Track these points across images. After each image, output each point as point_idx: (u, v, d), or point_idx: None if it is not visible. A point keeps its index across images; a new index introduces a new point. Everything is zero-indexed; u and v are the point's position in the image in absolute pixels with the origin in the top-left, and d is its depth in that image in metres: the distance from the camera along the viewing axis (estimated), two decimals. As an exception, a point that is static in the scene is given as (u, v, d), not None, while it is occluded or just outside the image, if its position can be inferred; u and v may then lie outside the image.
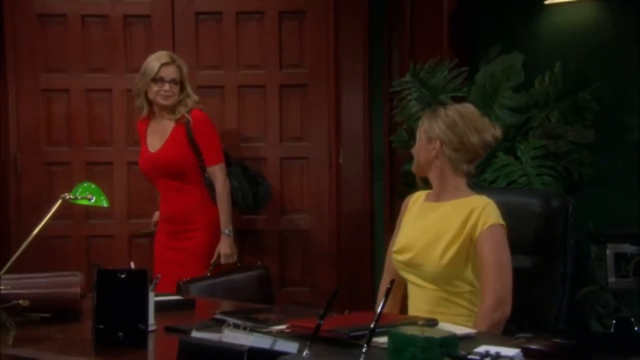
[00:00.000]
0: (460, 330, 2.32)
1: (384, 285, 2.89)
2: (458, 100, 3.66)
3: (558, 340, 1.82)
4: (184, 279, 3.31)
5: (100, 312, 2.27)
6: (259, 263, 3.64)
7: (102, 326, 2.24)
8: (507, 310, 2.59)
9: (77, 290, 2.64)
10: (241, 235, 4.19)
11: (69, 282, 2.67)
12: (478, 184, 3.42)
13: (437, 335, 1.82)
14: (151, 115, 3.82)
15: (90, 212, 4.19)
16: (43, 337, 2.36)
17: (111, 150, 4.29)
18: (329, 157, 4.26)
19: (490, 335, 2.35)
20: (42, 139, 4.28)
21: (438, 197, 2.76)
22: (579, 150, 3.56)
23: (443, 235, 2.67)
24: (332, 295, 2.15)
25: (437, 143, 2.72)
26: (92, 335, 2.25)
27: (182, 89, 3.75)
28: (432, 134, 2.72)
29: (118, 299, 2.26)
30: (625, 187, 3.70)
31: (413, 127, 3.75)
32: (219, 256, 3.74)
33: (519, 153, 3.50)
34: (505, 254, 2.63)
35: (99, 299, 2.26)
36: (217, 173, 3.75)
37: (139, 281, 2.27)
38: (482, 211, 2.63)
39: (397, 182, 4.07)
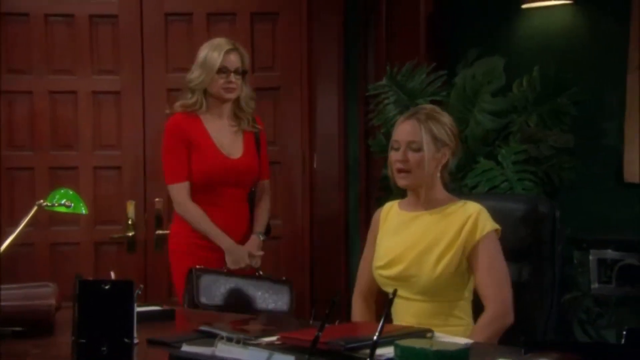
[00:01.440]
0: (457, 340, 2.26)
1: (357, 301, 2.82)
2: (436, 104, 3.63)
3: (570, 354, 1.75)
4: (198, 267, 3.23)
5: (82, 325, 2.14)
6: (284, 278, 3.36)
7: (84, 340, 2.13)
8: (509, 320, 2.56)
9: (52, 302, 2.53)
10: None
11: (42, 294, 2.56)
12: (458, 189, 3.37)
13: (448, 348, 1.75)
14: (201, 112, 3.44)
15: (53, 218, 4.02)
16: (19, 353, 2.24)
17: (76, 154, 4.14)
18: (302, 161, 4.17)
19: (500, 349, 2.28)
20: (3, 143, 4.11)
21: (424, 206, 2.68)
22: (559, 155, 3.53)
23: (437, 242, 2.60)
24: (330, 305, 2.08)
25: (447, 151, 2.64)
26: (72, 350, 2.12)
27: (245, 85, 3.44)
28: (442, 142, 2.63)
29: (101, 311, 2.14)
30: (602, 192, 3.69)
31: (391, 131, 3.69)
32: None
33: (500, 158, 3.47)
34: (504, 262, 2.60)
35: (81, 312, 2.14)
36: (268, 187, 3.57)
37: (125, 293, 2.16)
38: (478, 217, 2.58)
39: (373, 187, 4.02)
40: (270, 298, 3.23)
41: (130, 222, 4.09)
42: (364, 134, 4.06)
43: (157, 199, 4.10)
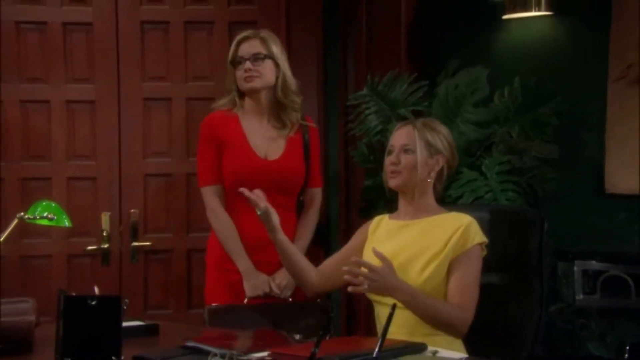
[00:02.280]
0: (452, 355, 2.24)
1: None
2: (418, 114, 3.61)
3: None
4: (213, 305, 3.00)
5: (67, 343, 2.09)
6: (318, 300, 2.96)
7: (69, 358, 2.06)
8: (464, 331, 2.57)
9: (32, 318, 2.46)
10: (187, 254, 4.06)
11: (21, 310, 2.48)
12: (442, 200, 3.35)
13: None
14: (241, 111, 3.24)
15: (24, 230, 3.89)
16: (0, 371, 2.16)
17: (49, 165, 4.03)
18: (282, 172, 4.09)
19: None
20: (-27, 154, 4.01)
21: (413, 215, 2.71)
22: (541, 166, 3.52)
23: (424, 251, 2.62)
24: (326, 321, 2.07)
25: (441, 159, 2.68)
26: (56, 368, 2.06)
27: (279, 74, 3.17)
28: (436, 149, 2.67)
29: (88, 328, 2.09)
30: (583, 203, 3.69)
31: (373, 141, 3.68)
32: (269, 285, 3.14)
33: (483, 168, 3.45)
34: (478, 280, 2.62)
35: (66, 329, 2.08)
36: (318, 197, 3.30)
37: (112, 308, 2.10)
38: (468, 228, 2.60)
39: (353, 198, 3.97)
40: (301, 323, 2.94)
41: (105, 234, 3.99)
42: (344, 144, 4.01)
43: (132, 210, 4.01)
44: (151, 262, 4.05)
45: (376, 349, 1.84)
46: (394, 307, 2.18)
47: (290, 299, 3.17)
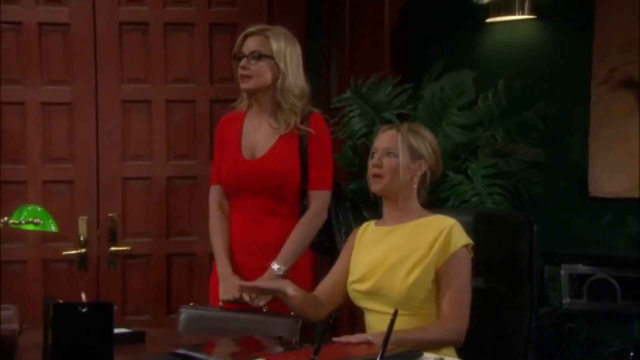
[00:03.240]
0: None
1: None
2: (403, 117, 3.59)
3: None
4: (191, 304, 2.89)
5: (57, 351, 2.01)
6: (292, 313, 2.73)
7: (58, 367, 1.99)
8: (461, 340, 2.53)
9: (16, 326, 2.38)
10: (167, 258, 3.99)
11: (4, 317, 2.40)
12: (427, 204, 3.33)
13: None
14: (247, 111, 3.10)
15: (-3, 234, 3.83)
16: (-15, 381, 2.08)
17: (25, 168, 3.93)
18: (264, 176, 4.03)
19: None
20: (-54, 157, 3.91)
21: (397, 220, 2.67)
22: (527, 170, 3.52)
23: (409, 255, 2.58)
24: (324, 328, 2.07)
25: (423, 164, 2.65)
26: (45, 378, 1.99)
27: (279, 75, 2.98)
28: (418, 154, 2.64)
29: (78, 336, 2.02)
30: (568, 206, 3.69)
31: (358, 144, 3.65)
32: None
33: (469, 172, 3.43)
34: (469, 282, 2.58)
35: (56, 337, 2.00)
36: (319, 200, 3.02)
37: (104, 316, 2.03)
38: (451, 231, 2.56)
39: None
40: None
41: (82, 238, 3.90)
42: (327, 148, 3.96)
43: (110, 214, 3.93)
44: (130, 267, 3.97)
45: (378, 357, 1.80)
46: (395, 312, 2.12)
47: (265, 309, 2.97)
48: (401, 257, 2.59)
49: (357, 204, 3.59)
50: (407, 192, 2.65)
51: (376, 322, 2.59)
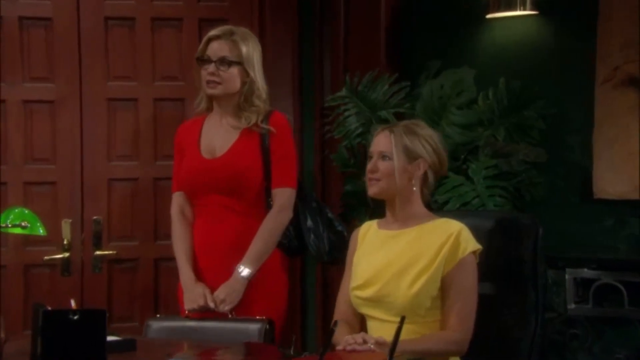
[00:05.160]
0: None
1: (340, 326, 2.62)
2: (400, 116, 3.49)
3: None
4: (158, 316, 2.84)
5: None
6: (260, 317, 2.79)
7: (48, 378, 1.87)
8: (464, 351, 2.49)
9: (2, 335, 2.27)
10: (155, 263, 3.87)
11: (-11, 326, 2.28)
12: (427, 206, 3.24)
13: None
14: (207, 113, 3.09)
15: (-25, 238, 3.69)
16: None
17: (5, 169, 3.79)
18: (255, 179, 3.94)
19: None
20: None
21: (401, 224, 2.60)
22: (528, 170, 3.42)
23: (415, 262, 2.51)
24: (329, 334, 2.03)
25: (422, 164, 2.56)
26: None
27: (247, 79, 2.99)
28: (415, 154, 2.55)
29: (69, 344, 1.90)
30: (570, 208, 3.61)
31: (354, 144, 3.55)
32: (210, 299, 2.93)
33: (470, 173, 3.34)
34: (476, 290, 2.53)
35: (46, 346, 1.88)
36: (283, 198, 3.00)
37: (96, 323, 1.91)
38: (459, 236, 2.49)
39: (331, 203, 3.80)
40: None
41: (65, 242, 3.78)
42: (321, 147, 3.87)
43: (95, 217, 3.81)
44: (115, 272, 3.86)
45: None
46: (402, 319, 2.09)
47: (230, 315, 2.94)
48: (406, 263, 2.52)
49: (353, 206, 3.49)
50: (406, 194, 2.58)
51: (379, 329, 2.52)
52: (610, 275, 3.28)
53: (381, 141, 2.59)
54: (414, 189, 2.57)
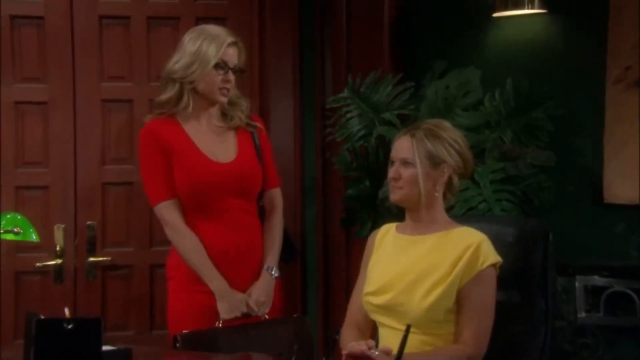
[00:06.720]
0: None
1: (350, 332, 2.59)
2: (404, 118, 3.40)
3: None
4: (185, 332, 2.72)
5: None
6: (294, 315, 2.90)
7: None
8: None
9: None
10: (150, 270, 3.80)
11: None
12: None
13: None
14: (181, 115, 3.02)
15: (-35, 244, 3.59)
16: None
17: (-4, 172, 3.73)
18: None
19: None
20: None
21: (423, 230, 2.54)
22: (536, 174, 3.33)
23: (431, 272, 2.44)
24: (332, 341, 2.06)
25: (446, 169, 2.50)
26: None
27: None
28: (438, 160, 2.49)
29: (63, 354, 1.82)
30: (581, 213, 3.52)
31: (356, 147, 3.45)
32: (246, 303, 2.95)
33: (476, 177, 3.24)
34: (494, 305, 2.46)
35: (39, 356, 1.80)
36: (279, 198, 3.11)
37: (91, 332, 1.83)
38: (479, 248, 2.42)
39: (332, 207, 3.75)
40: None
41: (58, 248, 3.70)
42: (322, 150, 3.79)
43: (89, 222, 3.74)
44: (110, 279, 3.79)
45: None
46: (408, 328, 2.06)
47: (266, 316, 2.98)
48: (421, 273, 2.46)
49: (355, 210, 3.40)
50: (430, 201, 2.52)
51: (390, 338, 2.45)
52: (622, 282, 3.21)
53: (403, 147, 2.52)
54: (437, 194, 2.52)
